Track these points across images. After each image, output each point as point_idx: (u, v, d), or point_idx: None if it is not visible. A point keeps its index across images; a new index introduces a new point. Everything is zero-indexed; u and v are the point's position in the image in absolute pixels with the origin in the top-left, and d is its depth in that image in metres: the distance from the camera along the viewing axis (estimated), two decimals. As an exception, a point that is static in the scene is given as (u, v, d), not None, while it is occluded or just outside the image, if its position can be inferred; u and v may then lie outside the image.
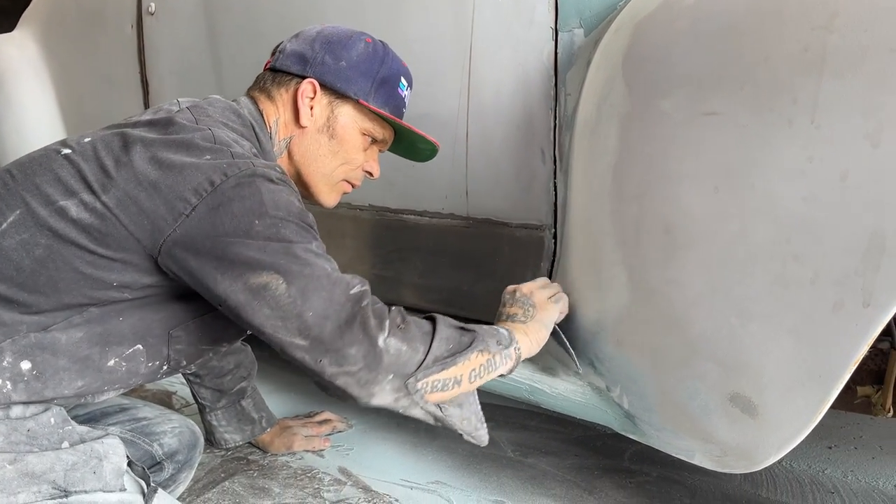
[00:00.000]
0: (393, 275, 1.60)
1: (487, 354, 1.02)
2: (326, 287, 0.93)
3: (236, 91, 1.75)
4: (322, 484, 1.44)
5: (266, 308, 0.91)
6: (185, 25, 1.87)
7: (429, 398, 0.98)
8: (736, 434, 0.92)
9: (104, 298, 0.94)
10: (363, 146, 1.20)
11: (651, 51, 1.02)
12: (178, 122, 1.00)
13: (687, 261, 0.93)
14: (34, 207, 0.92)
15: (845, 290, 0.78)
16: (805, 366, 0.83)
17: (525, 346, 1.08)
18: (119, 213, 0.91)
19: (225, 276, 0.91)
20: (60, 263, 0.91)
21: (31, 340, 0.91)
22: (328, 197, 1.22)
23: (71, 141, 1.00)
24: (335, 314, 0.92)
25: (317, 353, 0.93)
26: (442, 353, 0.98)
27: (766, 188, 0.84)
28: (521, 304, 1.13)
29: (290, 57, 1.17)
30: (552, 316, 1.13)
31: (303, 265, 0.92)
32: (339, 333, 0.92)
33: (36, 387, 0.92)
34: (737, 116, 0.87)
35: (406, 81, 1.22)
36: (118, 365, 0.98)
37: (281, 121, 1.16)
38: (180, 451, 1.26)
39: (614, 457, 1.57)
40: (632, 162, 1.02)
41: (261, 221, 0.92)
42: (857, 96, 0.77)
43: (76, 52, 2.29)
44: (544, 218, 1.33)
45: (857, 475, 1.48)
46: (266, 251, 0.91)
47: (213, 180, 0.92)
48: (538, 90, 1.28)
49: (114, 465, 0.93)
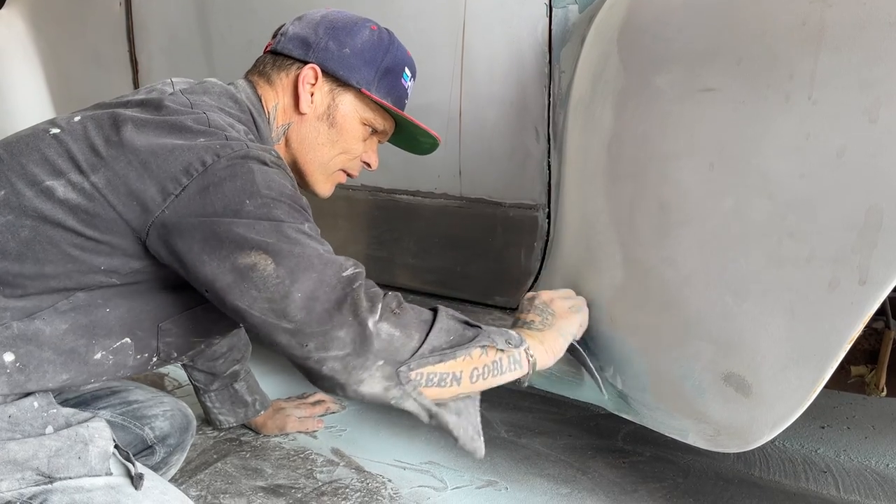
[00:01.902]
0: (386, 255, 1.59)
1: (494, 353, 0.95)
2: (317, 267, 0.89)
3: (226, 69, 1.73)
4: (315, 465, 1.43)
5: (253, 290, 0.88)
6: (174, 3, 1.84)
7: (424, 392, 0.91)
8: (729, 413, 0.92)
9: (91, 283, 0.91)
10: (363, 136, 1.17)
11: (646, 26, 1.01)
12: (171, 105, 0.97)
13: (681, 239, 0.92)
14: (20, 188, 0.90)
15: (841, 268, 0.77)
16: (800, 345, 0.82)
17: (539, 354, 1.00)
18: (108, 193, 0.88)
19: (212, 257, 0.88)
20: (47, 245, 0.88)
21: (14, 332, 0.89)
22: (323, 186, 1.19)
23: (60, 120, 0.97)
24: (325, 296, 0.88)
25: (303, 337, 0.88)
26: (440, 344, 0.92)
27: (762, 165, 0.83)
28: (540, 312, 1.06)
29: (293, 40, 1.13)
30: (572, 327, 1.05)
31: (293, 244, 0.89)
32: (328, 316, 0.88)
33: (19, 379, 0.89)
34: (733, 92, 0.86)
35: (410, 72, 1.18)
36: (105, 358, 0.96)
37: (280, 106, 1.13)
38: (172, 434, 1.24)
39: (608, 437, 1.57)
40: (626, 139, 1.01)
41: (252, 201, 0.89)
42: (855, 71, 0.76)
43: (65, 31, 2.26)
44: (538, 197, 1.32)
45: (849, 454, 1.48)
46: (255, 229, 0.88)
47: (205, 160, 0.89)
48: (532, 67, 1.27)
49: (100, 448, 0.92)
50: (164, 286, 0.97)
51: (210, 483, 1.36)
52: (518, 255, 1.37)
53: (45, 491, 0.87)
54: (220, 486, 1.35)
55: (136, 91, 1.06)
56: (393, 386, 0.90)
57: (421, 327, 0.92)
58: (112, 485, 0.90)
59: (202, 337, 1.07)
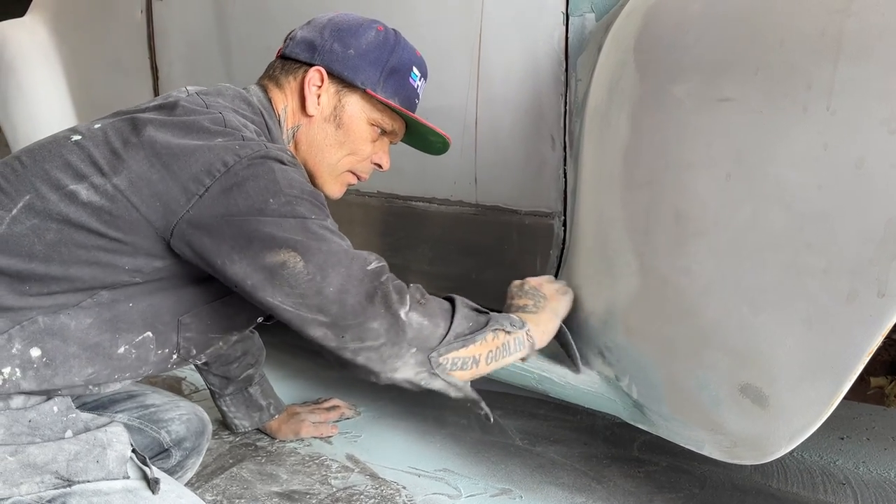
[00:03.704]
0: (401, 262, 1.59)
1: (503, 336, 1.02)
2: (344, 262, 0.93)
3: (245, 77, 1.75)
4: (330, 471, 1.44)
5: (286, 286, 0.91)
6: (194, 11, 1.86)
7: (449, 374, 0.98)
8: (746, 425, 0.91)
9: (116, 282, 0.93)
10: (371, 137, 1.18)
11: (663, 35, 1.00)
12: (186, 106, 1.00)
13: (698, 249, 0.92)
14: (44, 192, 0.92)
15: (859, 280, 0.76)
16: (817, 356, 0.81)
17: (537, 335, 1.07)
18: (130, 194, 0.90)
19: (242, 256, 0.90)
20: (72, 247, 0.90)
21: (41, 326, 0.90)
22: (332, 188, 1.20)
23: (81, 127, 0.99)
24: (355, 289, 0.92)
25: (339, 329, 0.92)
26: (463, 331, 0.98)
27: (780, 175, 0.82)
28: (532, 296, 1.12)
29: (300, 44, 1.16)
30: (563, 307, 1.12)
31: (319, 241, 0.92)
32: (361, 308, 0.92)
33: (46, 374, 0.91)
34: (750, 102, 0.85)
35: (419, 71, 1.19)
36: (128, 352, 0.98)
37: (289, 109, 1.15)
38: (188, 438, 1.25)
39: (623, 446, 1.56)
40: (643, 148, 1.00)
41: (275, 199, 0.91)
42: (874, 81, 0.75)
43: (86, 38, 2.29)
44: (554, 205, 1.32)
45: (869, 466, 1.46)
46: (282, 227, 0.90)
47: (227, 161, 0.91)
48: (548, 75, 1.27)
49: (117, 452, 0.93)
50: (184, 282, 0.99)
51: (226, 488, 1.37)
52: (533, 263, 1.37)
53: (63, 494, 0.88)
54: (235, 490, 1.36)
55: (153, 99, 1.08)
56: (424, 370, 0.96)
57: (445, 316, 0.98)
58: (129, 488, 0.92)
59: (220, 332, 1.09)
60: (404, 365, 0.95)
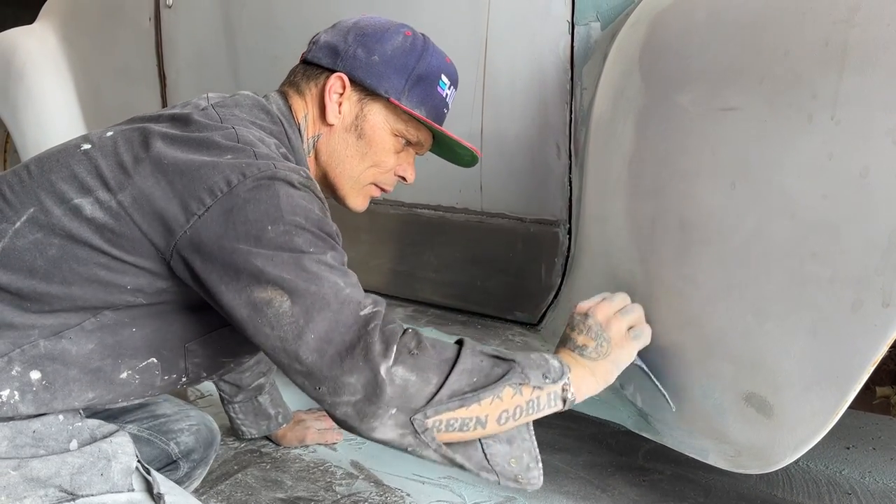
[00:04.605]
0: (407, 269, 1.59)
1: (529, 392, 0.89)
2: (333, 307, 0.86)
3: (252, 84, 1.76)
4: (334, 477, 1.44)
5: (267, 327, 0.86)
6: (202, 18, 1.87)
7: (441, 438, 0.87)
8: (751, 434, 0.91)
9: (118, 302, 0.91)
10: (395, 148, 1.12)
11: (668, 44, 1.01)
12: (200, 120, 0.96)
13: (703, 258, 0.92)
14: (48, 206, 0.89)
15: (864, 290, 0.76)
16: (822, 366, 0.81)
17: (587, 386, 0.94)
18: (133, 212, 0.88)
19: (229, 288, 0.86)
20: (74, 264, 0.88)
21: (41, 350, 0.88)
22: (355, 201, 1.15)
23: (93, 136, 0.96)
24: (339, 338, 0.85)
25: (314, 381, 0.87)
26: (461, 387, 0.86)
27: (785, 185, 0.82)
28: (595, 336, 0.96)
29: (323, 49, 1.10)
30: (628, 357, 0.98)
31: (310, 281, 0.86)
32: (339, 360, 0.85)
33: (45, 397, 0.89)
34: (755, 111, 0.86)
35: (448, 79, 1.12)
36: (131, 378, 0.95)
37: (309, 117, 1.10)
38: (196, 449, 1.24)
39: (628, 454, 1.56)
40: (648, 157, 1.01)
41: (274, 228, 0.86)
42: (879, 92, 0.75)
43: (95, 45, 2.31)
44: (559, 213, 1.32)
45: (874, 476, 1.46)
46: (274, 262, 0.85)
47: (230, 180, 0.87)
48: (554, 84, 1.27)
49: (122, 464, 0.91)
50: (190, 306, 0.95)
51: (230, 494, 1.37)
52: (538, 271, 1.37)
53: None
54: (240, 497, 1.36)
55: (172, 106, 1.05)
56: (408, 433, 0.86)
57: (440, 369, 0.87)
58: (134, 501, 0.90)
59: (231, 357, 1.06)
60: (383, 426, 0.85)
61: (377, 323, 0.87)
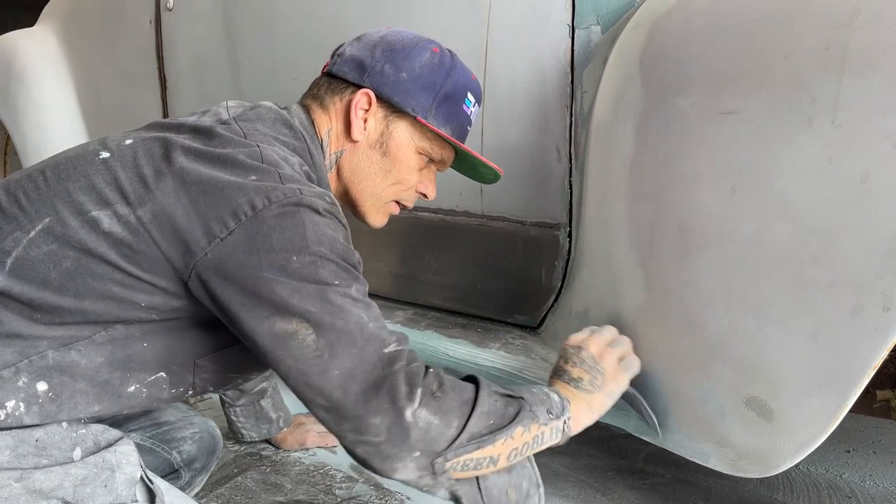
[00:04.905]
0: (407, 272, 1.59)
1: (535, 428, 0.91)
2: (358, 343, 0.85)
3: (252, 88, 1.76)
4: (334, 481, 1.44)
5: (290, 359, 0.85)
6: (202, 21, 1.88)
7: (456, 476, 0.88)
8: (751, 438, 0.91)
9: (131, 318, 0.89)
10: (418, 166, 1.11)
11: (668, 48, 1.01)
12: (224, 135, 0.94)
13: (703, 261, 0.92)
14: (64, 216, 0.87)
15: (865, 294, 0.76)
16: (822, 370, 0.81)
17: (585, 418, 0.97)
18: (152, 228, 0.85)
19: (252, 315, 0.85)
20: (88, 279, 0.85)
21: (49, 362, 0.86)
22: (375, 217, 1.14)
23: (111, 143, 0.94)
24: (363, 375, 0.84)
25: (337, 417, 0.86)
26: (480, 430, 0.87)
27: (785, 189, 0.83)
28: (589, 369, 0.99)
29: (348, 62, 1.08)
30: (621, 388, 1.01)
31: (335, 315, 0.85)
32: (364, 399, 0.84)
33: (50, 410, 0.86)
34: (755, 115, 0.86)
35: (473, 97, 1.11)
36: (138, 391, 0.93)
37: (333, 132, 1.08)
38: (198, 458, 1.22)
39: (628, 458, 1.56)
40: (648, 160, 1.01)
41: (299, 258, 0.85)
42: (879, 95, 0.75)
43: (95, 48, 2.31)
44: (559, 216, 1.32)
45: (875, 480, 1.46)
46: (300, 293, 0.84)
47: (255, 204, 0.85)
48: (554, 87, 1.27)
49: (126, 475, 0.89)
50: (202, 323, 0.94)
51: (230, 497, 1.37)
52: (539, 274, 1.37)
53: None
54: (239, 500, 1.36)
55: (192, 114, 1.03)
56: (427, 475, 0.87)
57: (461, 411, 0.87)
58: None
59: (240, 373, 1.05)
60: (404, 467, 0.86)
61: (402, 363, 0.87)
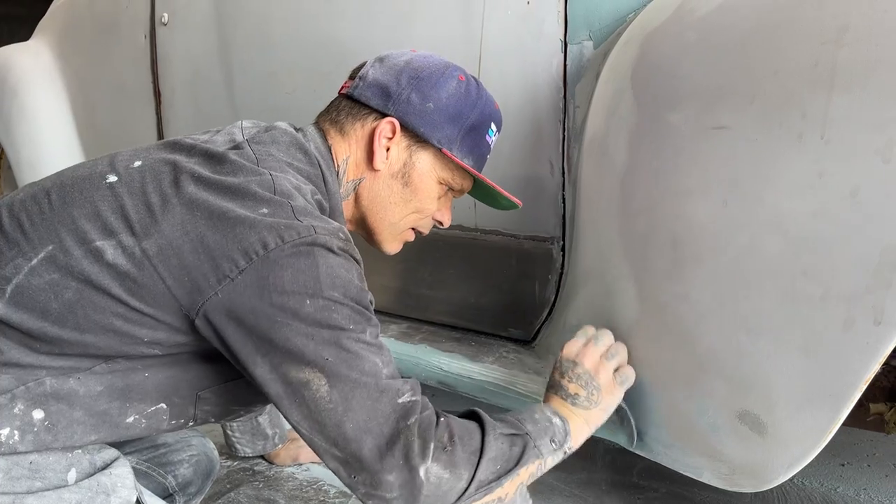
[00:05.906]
0: (401, 286, 1.59)
1: (539, 462, 0.92)
2: (373, 395, 0.84)
3: (247, 102, 1.76)
4: (328, 496, 1.43)
5: (303, 407, 0.84)
6: (197, 36, 1.88)
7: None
8: (744, 452, 0.91)
9: (133, 353, 0.87)
10: (438, 195, 1.10)
11: (660, 64, 1.02)
12: (236, 161, 0.91)
13: (695, 275, 0.92)
14: (68, 245, 0.84)
15: (856, 307, 0.76)
16: (815, 383, 0.81)
17: (583, 435, 0.99)
18: (158, 263, 0.83)
19: (264, 361, 0.83)
20: (90, 311, 0.83)
21: (48, 389, 0.84)
22: (391, 245, 1.13)
23: (120, 164, 0.92)
24: (378, 428, 0.83)
25: (351, 470, 0.85)
26: (487, 477, 0.88)
27: (776, 203, 0.83)
28: (585, 385, 1.00)
29: (372, 87, 1.05)
30: (616, 401, 1.02)
31: (350, 365, 0.83)
32: (379, 455, 0.83)
33: (45, 439, 0.84)
34: (746, 130, 0.86)
35: (496, 126, 1.11)
36: (137, 422, 0.91)
37: (351, 160, 1.05)
38: (194, 482, 1.19)
39: (623, 472, 1.55)
40: (640, 175, 1.01)
41: (312, 302, 0.82)
42: (868, 111, 0.76)
43: (90, 62, 2.31)
44: (552, 230, 1.33)
45: (869, 493, 1.46)
46: (314, 340, 0.82)
47: (267, 243, 0.83)
48: (547, 102, 1.28)
49: (121, 499, 0.87)
50: (206, 356, 0.92)
51: (223, 513, 1.36)
52: (532, 288, 1.37)
53: None
54: (232, 516, 1.35)
55: (204, 132, 1.02)
56: None
57: (470, 462, 0.87)
58: None
59: (242, 406, 1.03)
60: None
61: (416, 417, 0.86)
